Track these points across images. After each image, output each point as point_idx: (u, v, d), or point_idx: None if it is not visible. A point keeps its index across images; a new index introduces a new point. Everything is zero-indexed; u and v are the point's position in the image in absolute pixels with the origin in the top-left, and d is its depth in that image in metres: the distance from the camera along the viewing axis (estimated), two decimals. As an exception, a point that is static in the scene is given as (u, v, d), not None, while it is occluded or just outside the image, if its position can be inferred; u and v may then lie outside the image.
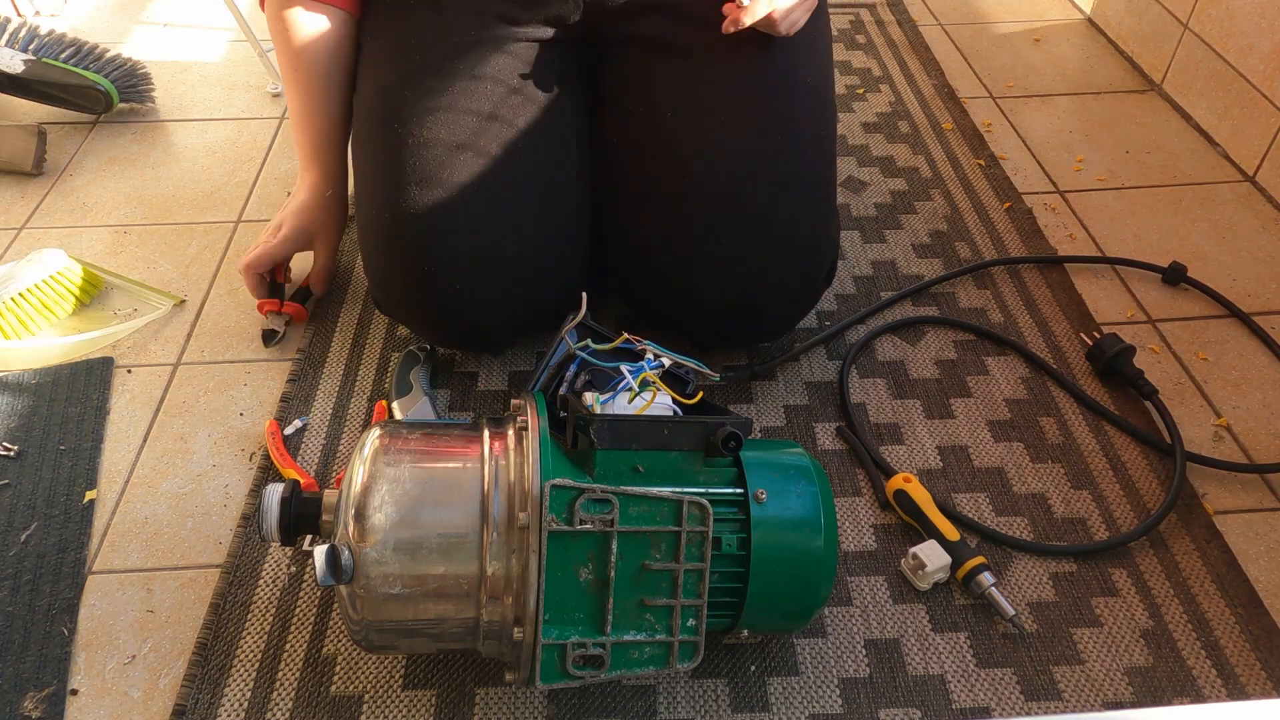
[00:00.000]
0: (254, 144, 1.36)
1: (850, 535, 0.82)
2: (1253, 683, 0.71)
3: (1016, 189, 1.22)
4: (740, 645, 0.74)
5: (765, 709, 0.70)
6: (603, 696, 0.71)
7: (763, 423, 0.92)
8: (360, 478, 0.62)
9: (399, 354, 0.96)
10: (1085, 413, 0.92)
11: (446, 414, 0.93)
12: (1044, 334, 1.01)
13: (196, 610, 0.78)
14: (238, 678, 0.72)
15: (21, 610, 0.78)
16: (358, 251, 1.14)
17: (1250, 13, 1.22)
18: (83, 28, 1.67)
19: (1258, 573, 0.79)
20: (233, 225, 1.20)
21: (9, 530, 0.83)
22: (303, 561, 0.80)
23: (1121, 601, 0.76)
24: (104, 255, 1.15)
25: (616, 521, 0.60)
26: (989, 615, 0.76)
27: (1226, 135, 1.28)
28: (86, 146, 1.35)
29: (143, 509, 0.86)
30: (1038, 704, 0.70)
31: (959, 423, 0.92)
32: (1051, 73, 1.48)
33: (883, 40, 1.58)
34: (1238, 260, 1.10)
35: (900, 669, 0.72)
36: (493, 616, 0.61)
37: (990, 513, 0.83)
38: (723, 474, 0.65)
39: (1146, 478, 0.86)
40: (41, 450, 0.91)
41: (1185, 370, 0.97)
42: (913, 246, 1.13)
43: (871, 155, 1.29)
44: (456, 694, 0.71)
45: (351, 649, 0.74)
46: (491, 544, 0.60)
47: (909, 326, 1.02)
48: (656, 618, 0.61)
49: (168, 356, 1.01)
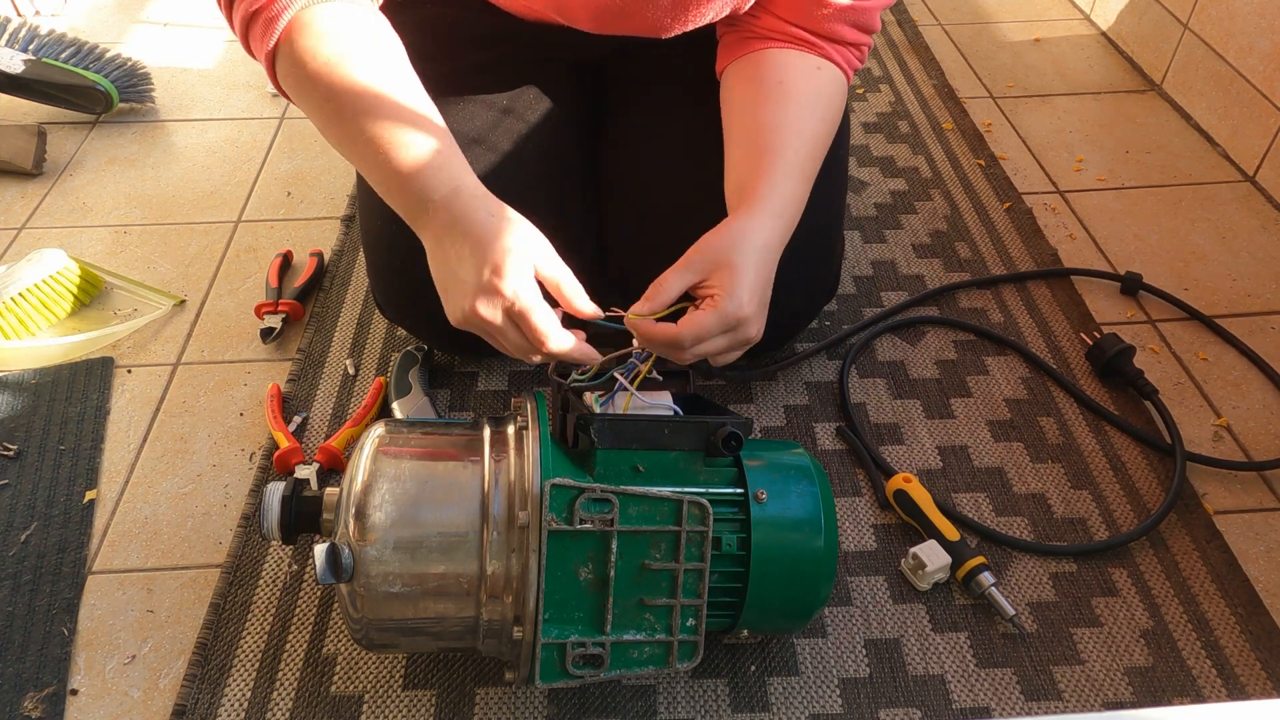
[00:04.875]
0: (254, 144, 1.36)
1: (850, 535, 0.82)
2: (1253, 683, 0.71)
3: (1016, 189, 1.22)
4: (740, 645, 0.74)
5: (765, 709, 0.70)
6: (602, 696, 0.71)
7: (763, 423, 0.92)
8: (361, 476, 0.62)
9: (398, 354, 0.96)
10: (1085, 413, 0.92)
11: (446, 414, 0.93)
12: (1044, 334, 1.01)
13: (196, 610, 0.77)
14: (238, 678, 0.72)
15: (21, 610, 0.78)
16: (358, 251, 1.14)
17: (1250, 13, 1.22)
18: (83, 28, 1.67)
19: (1258, 573, 0.79)
20: (233, 225, 1.20)
21: (9, 530, 0.83)
22: (303, 561, 0.80)
23: (1121, 601, 0.76)
24: (104, 255, 1.15)
25: (616, 521, 0.60)
26: (989, 615, 0.76)
27: (1226, 135, 1.28)
28: (86, 146, 1.35)
29: (143, 509, 0.86)
30: (1038, 704, 0.70)
31: (959, 423, 0.92)
32: (1051, 73, 1.48)
33: (882, 40, 1.58)
34: (1238, 260, 1.10)
35: (900, 669, 0.72)
36: (493, 615, 0.61)
37: (990, 513, 0.83)
38: (723, 474, 0.65)
39: (1146, 478, 0.86)
40: (41, 450, 0.91)
41: (1185, 370, 0.97)
42: (913, 246, 1.13)
43: (871, 155, 1.29)
44: (456, 694, 0.71)
45: (352, 648, 0.74)
46: (491, 543, 0.60)
47: (909, 326, 1.02)
48: (656, 617, 0.61)
49: (168, 356, 1.01)
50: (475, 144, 0.87)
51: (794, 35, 0.82)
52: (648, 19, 0.80)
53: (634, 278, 0.75)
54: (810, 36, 0.82)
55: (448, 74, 0.90)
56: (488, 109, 0.89)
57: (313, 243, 1.16)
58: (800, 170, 0.78)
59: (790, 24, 0.82)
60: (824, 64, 0.82)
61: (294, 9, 0.69)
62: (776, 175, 0.76)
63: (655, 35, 0.83)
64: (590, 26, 0.83)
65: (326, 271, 1.11)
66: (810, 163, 0.80)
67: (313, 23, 0.69)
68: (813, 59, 0.82)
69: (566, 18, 0.83)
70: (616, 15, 0.80)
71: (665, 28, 0.81)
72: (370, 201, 0.89)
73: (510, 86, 0.91)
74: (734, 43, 0.85)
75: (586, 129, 0.96)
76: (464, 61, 0.91)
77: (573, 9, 0.81)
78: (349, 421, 0.91)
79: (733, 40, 0.85)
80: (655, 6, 0.79)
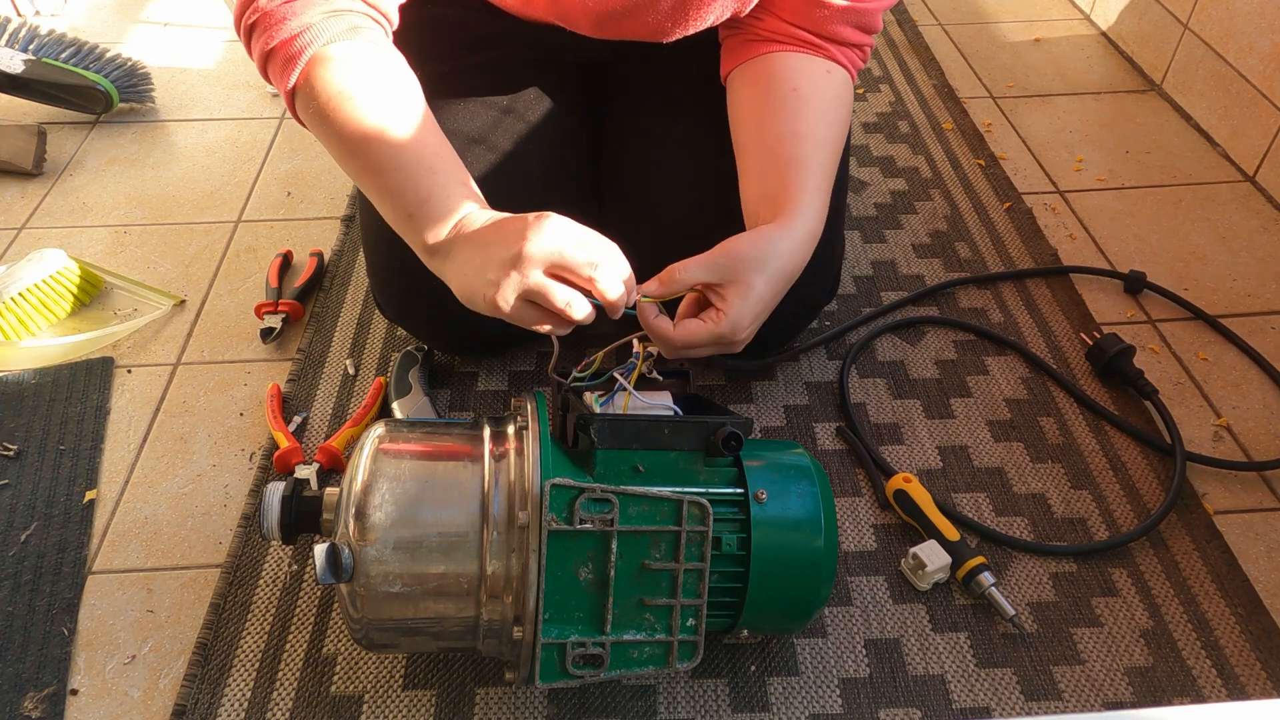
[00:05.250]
0: (254, 144, 1.36)
1: (850, 535, 0.82)
2: (1253, 683, 0.71)
3: (1016, 189, 1.22)
4: (740, 645, 0.74)
5: (765, 709, 0.70)
6: (602, 696, 0.71)
7: (763, 423, 0.92)
8: (361, 476, 0.62)
9: (398, 354, 0.96)
10: (1085, 413, 0.92)
11: (446, 414, 0.93)
12: (1044, 334, 1.01)
13: (196, 610, 0.77)
14: (238, 678, 0.72)
15: (21, 610, 0.78)
16: (358, 251, 1.14)
17: (1250, 13, 1.22)
18: (83, 28, 1.67)
19: (1258, 573, 0.79)
20: (233, 225, 1.20)
21: (9, 530, 0.83)
22: (303, 561, 0.80)
23: (1121, 601, 0.76)
24: (104, 255, 1.15)
25: (616, 521, 0.60)
26: (989, 615, 0.76)
27: (1226, 135, 1.28)
28: (86, 146, 1.35)
29: (143, 509, 0.86)
30: (1038, 704, 0.70)
31: (959, 423, 0.92)
32: (1051, 73, 1.48)
33: (883, 40, 1.58)
34: (1238, 260, 1.10)
35: (900, 669, 0.72)
36: (493, 615, 0.61)
37: (990, 513, 0.83)
38: (723, 474, 0.65)
39: (1146, 478, 0.86)
40: (41, 450, 0.91)
41: (1185, 370, 0.97)
42: (913, 246, 1.13)
43: (871, 155, 1.29)
44: (456, 694, 0.71)
45: (352, 648, 0.74)
46: (491, 543, 0.60)
47: (909, 326, 1.02)
48: (656, 617, 0.61)
49: (168, 356, 1.01)
50: (475, 144, 0.87)
51: (798, 37, 0.82)
52: (648, 23, 0.80)
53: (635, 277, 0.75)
54: (814, 38, 0.82)
55: (448, 74, 0.90)
56: (488, 109, 0.89)
57: (313, 243, 1.16)
58: (826, 182, 0.79)
59: (793, 26, 0.82)
60: (833, 67, 0.82)
61: (312, 49, 0.70)
62: (808, 189, 0.77)
63: (656, 39, 0.83)
64: (590, 31, 0.83)
65: (326, 271, 1.11)
66: (832, 172, 0.80)
67: (329, 61, 0.70)
68: (821, 63, 0.82)
69: (567, 22, 0.83)
70: (617, 20, 0.80)
71: (666, 32, 0.81)
72: (370, 202, 0.89)
73: (511, 87, 0.91)
74: (738, 46, 0.85)
75: (588, 130, 0.96)
76: (465, 61, 0.91)
77: (573, 14, 0.81)
78: (349, 421, 0.91)
79: (736, 43, 0.85)
80: (655, 11, 0.79)
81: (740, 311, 0.71)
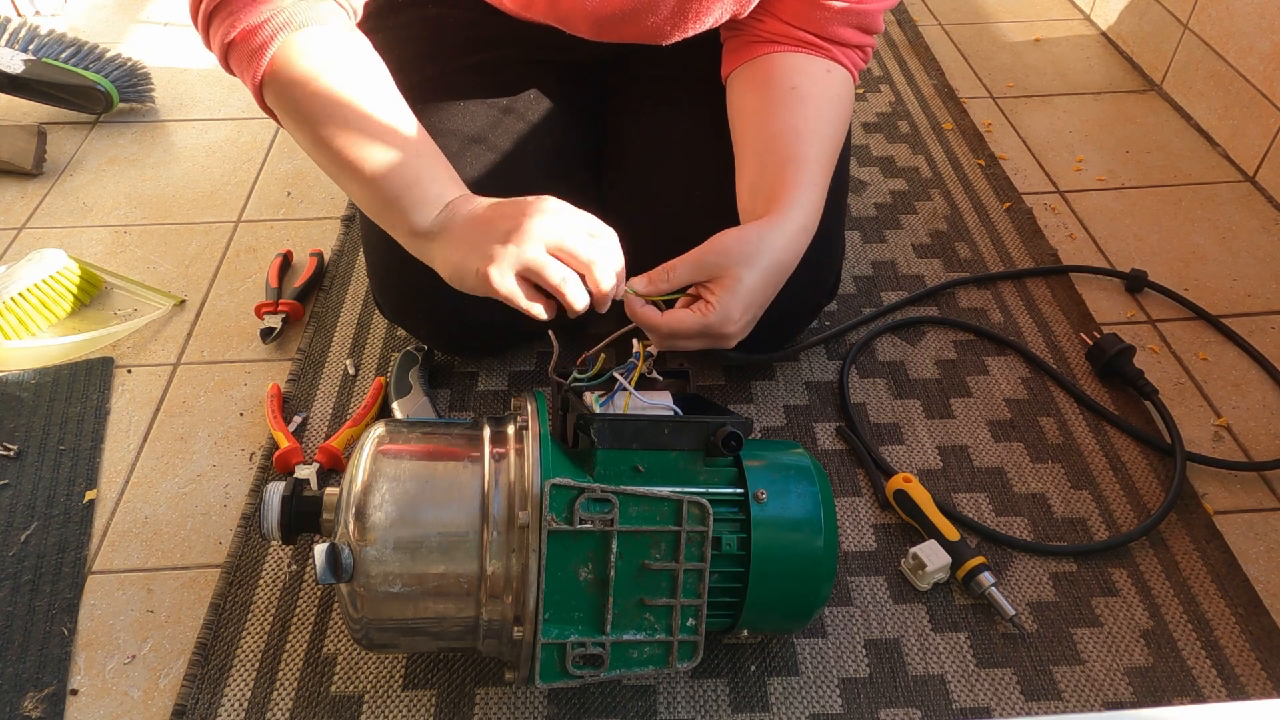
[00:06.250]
0: (254, 144, 1.36)
1: (850, 535, 0.82)
2: (1253, 683, 0.71)
3: (1016, 189, 1.22)
4: (740, 645, 0.74)
5: (765, 709, 0.70)
6: (602, 696, 0.71)
7: (763, 423, 0.92)
8: (361, 476, 0.62)
9: (398, 354, 0.96)
10: (1085, 413, 0.92)
11: (446, 414, 0.93)
12: (1044, 334, 1.01)
13: (196, 610, 0.77)
14: (238, 678, 0.72)
15: (21, 610, 0.78)
16: (358, 251, 1.14)
17: (1250, 13, 1.22)
18: (83, 28, 1.67)
19: (1258, 573, 0.79)
20: (233, 225, 1.20)
21: (9, 530, 0.83)
22: (303, 561, 0.80)
23: (1121, 601, 0.76)
24: (104, 255, 1.15)
25: (616, 521, 0.60)
26: (989, 615, 0.76)
27: (1226, 135, 1.28)
28: (86, 146, 1.35)
29: (143, 509, 0.86)
30: (1038, 704, 0.70)
31: (959, 423, 0.92)
32: (1051, 73, 1.48)
33: (883, 40, 1.58)
34: (1238, 260, 1.10)
35: (900, 669, 0.72)
36: (493, 615, 0.61)
37: (990, 513, 0.83)
38: (723, 474, 0.65)
39: (1146, 478, 0.86)
40: (41, 450, 0.91)
41: (1185, 370, 0.97)
42: (913, 246, 1.13)
43: (871, 155, 1.29)
44: (456, 694, 0.71)
45: (352, 648, 0.74)
46: (491, 543, 0.60)
47: (909, 326, 1.02)
48: (656, 617, 0.61)
49: (168, 356, 1.01)
50: (475, 143, 0.86)
51: (799, 38, 0.82)
52: (647, 26, 0.80)
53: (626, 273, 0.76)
54: (815, 39, 0.82)
55: (448, 73, 0.90)
56: (488, 109, 0.88)
57: (313, 243, 1.16)
58: (822, 178, 0.79)
59: (794, 27, 0.82)
60: (834, 67, 0.82)
61: (276, 43, 0.68)
62: (802, 184, 0.77)
63: (655, 42, 0.83)
64: (589, 34, 0.83)
65: (326, 271, 1.11)
66: (829, 169, 0.80)
67: (294, 49, 0.69)
68: (822, 62, 0.82)
69: (566, 25, 0.83)
70: (616, 23, 0.80)
71: (665, 35, 0.81)
72: None
73: (511, 87, 0.90)
74: (739, 46, 0.85)
75: (588, 130, 0.96)
76: (465, 62, 0.91)
77: (572, 17, 0.81)
78: (349, 421, 0.91)
79: (737, 44, 0.85)
80: (655, 14, 0.79)
81: (728, 304, 0.72)
